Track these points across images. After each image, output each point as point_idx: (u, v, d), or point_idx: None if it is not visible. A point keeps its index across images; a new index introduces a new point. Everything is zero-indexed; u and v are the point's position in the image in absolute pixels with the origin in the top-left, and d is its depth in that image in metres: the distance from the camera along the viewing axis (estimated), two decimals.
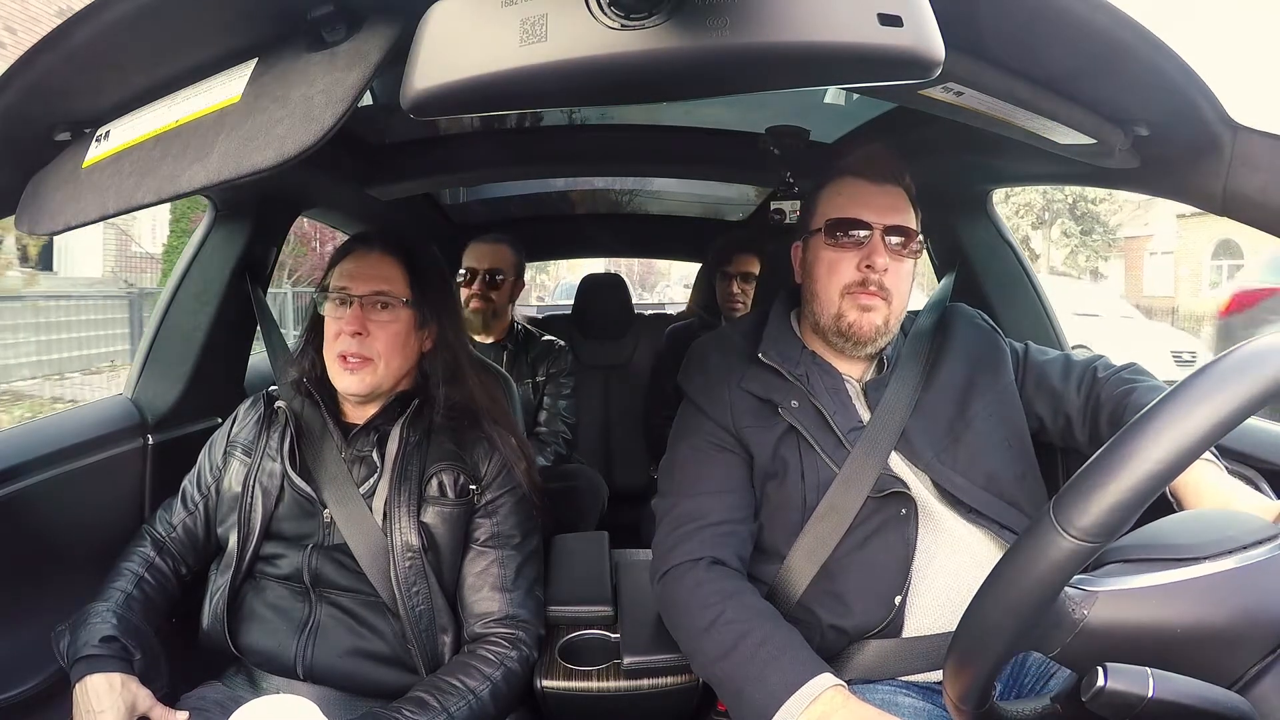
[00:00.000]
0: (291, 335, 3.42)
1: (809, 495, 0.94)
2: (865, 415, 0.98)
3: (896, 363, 1.01)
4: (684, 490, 0.98)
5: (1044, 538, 0.47)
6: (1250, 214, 0.82)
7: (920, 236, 1.01)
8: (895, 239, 0.97)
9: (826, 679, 0.77)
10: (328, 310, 1.05)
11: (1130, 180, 0.96)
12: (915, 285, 1.03)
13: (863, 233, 0.97)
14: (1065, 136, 0.85)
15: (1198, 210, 0.91)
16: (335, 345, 1.03)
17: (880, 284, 0.96)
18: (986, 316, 1.12)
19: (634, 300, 2.76)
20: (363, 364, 1.02)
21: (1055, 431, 1.04)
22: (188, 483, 1.13)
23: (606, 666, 1.07)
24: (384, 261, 1.05)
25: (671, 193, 2.57)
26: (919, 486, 0.95)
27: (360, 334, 1.01)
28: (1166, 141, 0.85)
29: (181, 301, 1.35)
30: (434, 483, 1.05)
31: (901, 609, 0.90)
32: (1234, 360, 0.47)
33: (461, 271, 1.99)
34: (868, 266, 0.96)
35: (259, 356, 1.52)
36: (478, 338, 1.99)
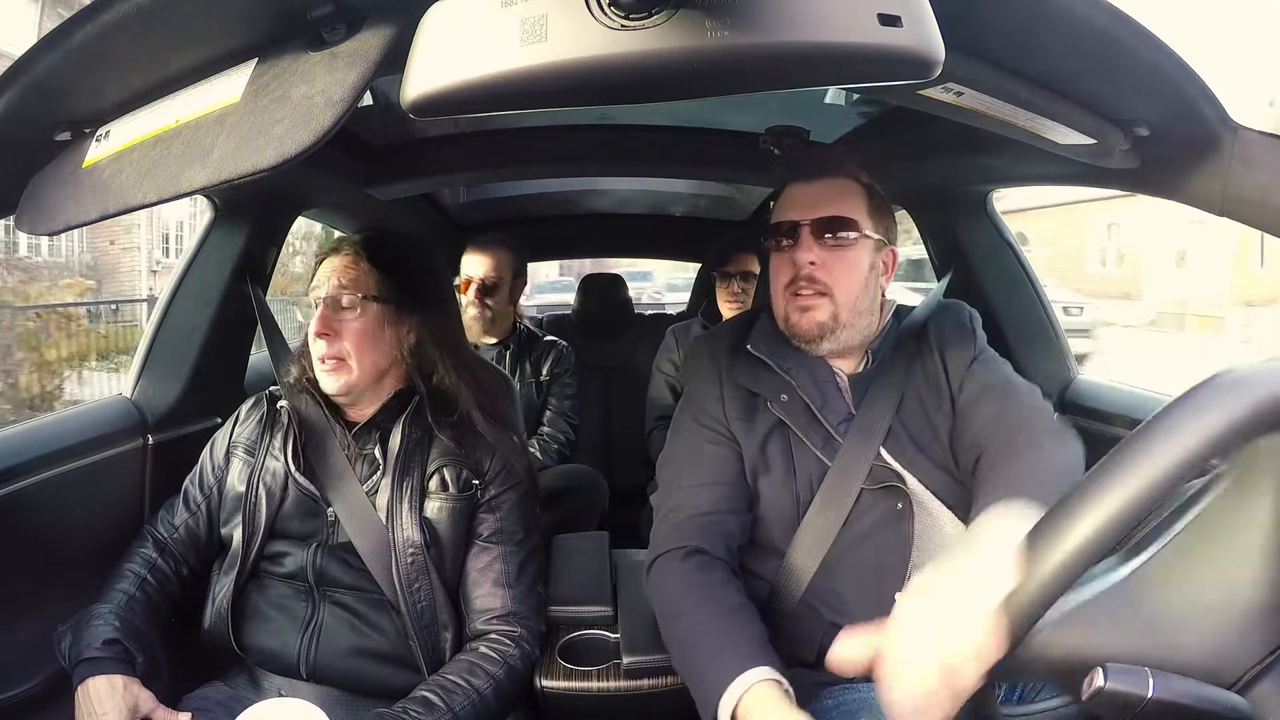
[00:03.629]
0: None
1: (801, 490, 0.95)
2: (854, 408, 0.98)
3: (883, 357, 1.02)
4: (677, 482, 0.99)
5: None
6: (1250, 214, 0.82)
7: (859, 222, 0.97)
8: (830, 230, 0.96)
9: (754, 674, 0.75)
10: (312, 317, 1.07)
11: (1130, 180, 0.96)
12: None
13: (792, 229, 0.97)
14: (1065, 136, 0.85)
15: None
16: (313, 349, 1.05)
17: (812, 278, 0.95)
18: (976, 317, 1.08)
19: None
20: (337, 365, 1.03)
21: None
22: (189, 483, 1.13)
23: (606, 666, 1.07)
24: (348, 261, 1.06)
25: (672, 193, 2.57)
26: (913, 481, 0.95)
27: (327, 335, 1.03)
28: (1166, 142, 0.85)
29: (181, 301, 1.35)
30: (436, 478, 1.05)
31: None
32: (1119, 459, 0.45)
33: (459, 278, 1.98)
34: (794, 263, 0.96)
35: (259, 356, 1.52)
36: (479, 340, 1.99)
